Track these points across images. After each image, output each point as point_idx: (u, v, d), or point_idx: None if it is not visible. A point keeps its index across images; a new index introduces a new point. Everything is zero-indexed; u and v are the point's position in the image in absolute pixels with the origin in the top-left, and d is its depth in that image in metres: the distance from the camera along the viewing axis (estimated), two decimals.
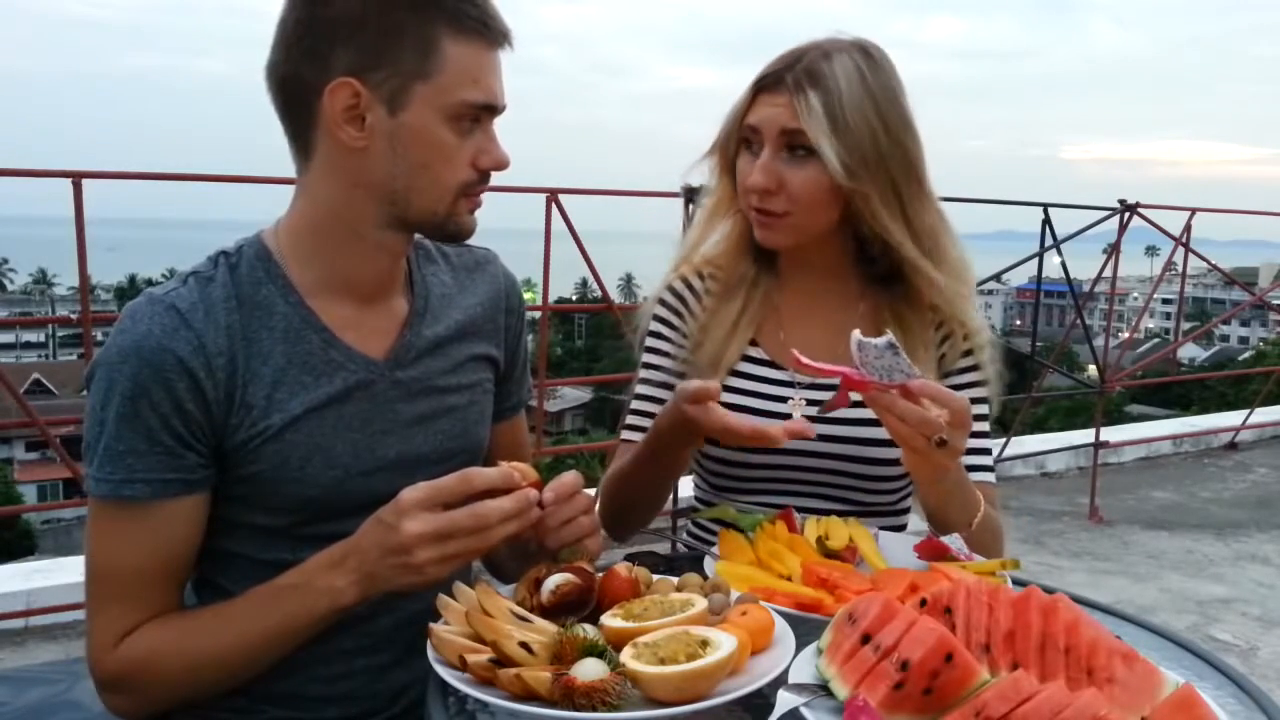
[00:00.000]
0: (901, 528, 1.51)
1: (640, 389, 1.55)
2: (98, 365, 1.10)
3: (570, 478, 1.11)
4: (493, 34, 1.12)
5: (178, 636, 1.11)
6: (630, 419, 1.55)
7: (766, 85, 1.39)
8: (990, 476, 1.49)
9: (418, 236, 1.23)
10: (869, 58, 1.38)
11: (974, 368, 1.49)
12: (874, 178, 1.36)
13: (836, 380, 1.19)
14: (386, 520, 1.04)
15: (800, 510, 1.31)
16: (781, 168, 1.37)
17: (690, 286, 1.55)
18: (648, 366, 1.56)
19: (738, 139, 1.43)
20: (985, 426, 1.51)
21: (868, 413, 1.22)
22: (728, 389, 1.46)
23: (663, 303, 1.57)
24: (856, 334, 1.17)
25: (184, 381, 1.08)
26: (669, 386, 1.51)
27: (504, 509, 1.03)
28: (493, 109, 1.14)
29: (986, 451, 1.51)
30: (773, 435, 1.20)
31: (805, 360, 1.20)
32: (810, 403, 1.45)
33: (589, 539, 1.13)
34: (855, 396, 1.19)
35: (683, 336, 1.53)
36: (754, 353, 1.49)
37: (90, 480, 1.10)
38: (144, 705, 1.14)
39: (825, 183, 1.36)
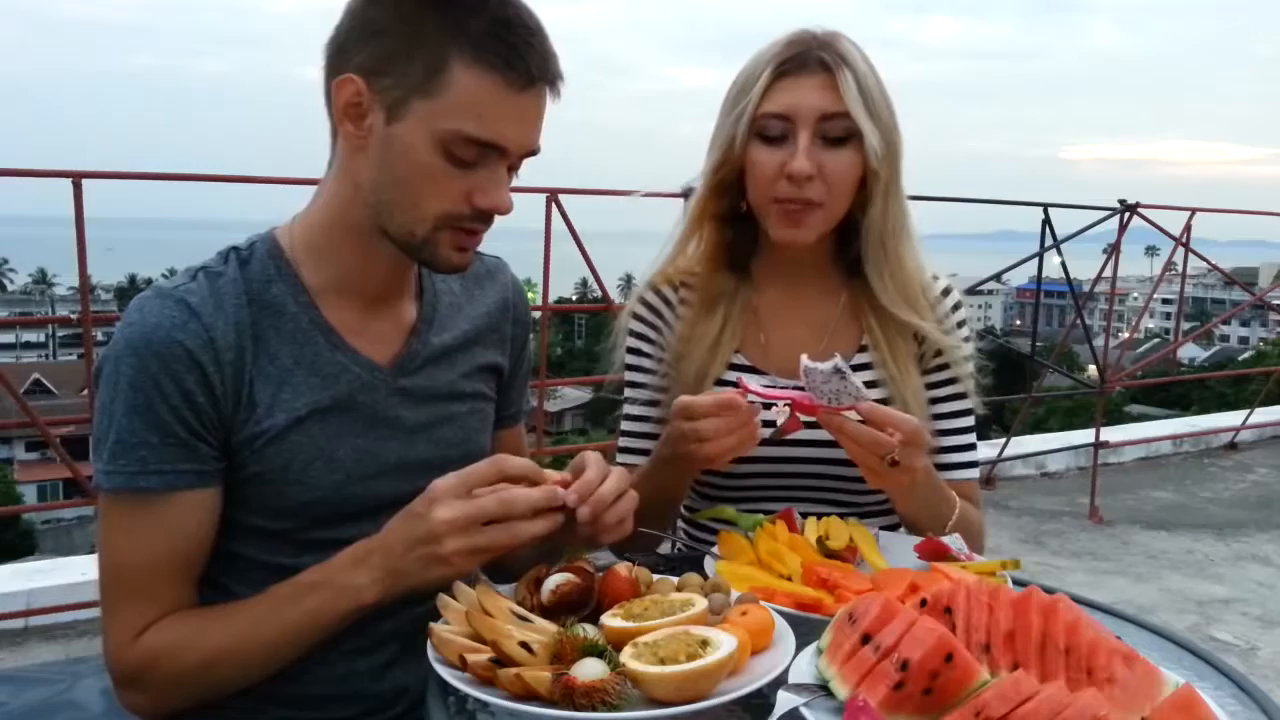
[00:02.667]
0: (895, 527, 1.52)
1: (629, 409, 1.53)
2: (105, 359, 1.10)
3: (593, 474, 1.09)
4: (519, 73, 1.06)
5: (196, 632, 1.11)
6: (624, 441, 1.53)
7: (790, 69, 1.34)
8: (972, 473, 1.50)
9: None
10: (855, 43, 1.37)
11: (948, 365, 1.49)
12: (891, 163, 1.36)
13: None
14: (417, 510, 1.04)
15: None
16: (818, 153, 1.33)
17: (664, 298, 1.52)
18: (632, 385, 1.53)
19: (750, 131, 1.36)
20: (969, 423, 1.51)
21: (852, 412, 1.23)
22: None
23: (637, 317, 1.53)
24: (805, 359, 1.19)
25: (193, 374, 1.08)
26: (657, 403, 1.50)
27: (531, 497, 1.03)
28: (500, 150, 1.08)
29: (969, 448, 1.50)
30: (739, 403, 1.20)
31: (753, 387, 1.21)
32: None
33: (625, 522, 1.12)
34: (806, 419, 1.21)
35: (661, 350, 1.51)
36: (736, 359, 1.47)
37: (101, 474, 1.09)
38: (161, 702, 1.14)
39: (859, 167, 1.35)
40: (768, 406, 1.24)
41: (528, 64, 1.06)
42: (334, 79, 1.09)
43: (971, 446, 1.51)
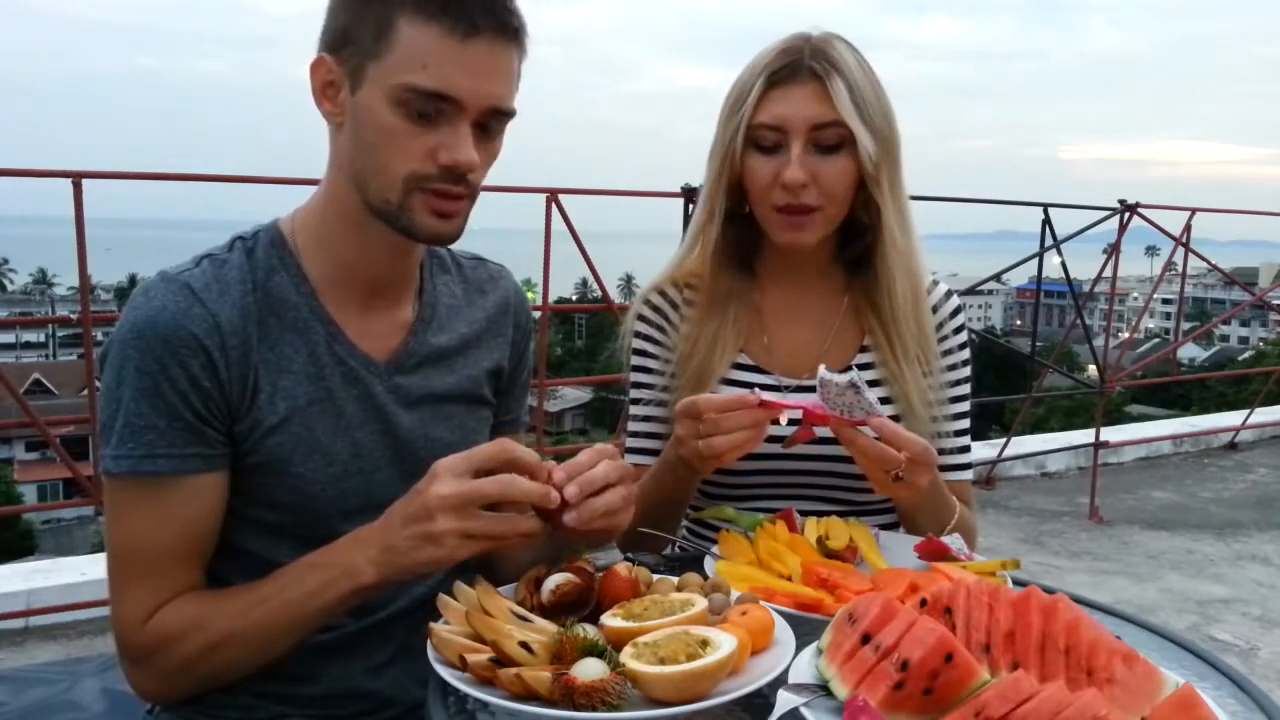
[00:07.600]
0: (895, 526, 1.52)
1: (635, 410, 1.54)
2: (112, 343, 1.10)
3: (585, 458, 1.07)
4: (460, 21, 1.04)
5: (202, 616, 1.10)
6: (631, 442, 1.54)
7: (781, 78, 1.34)
8: (967, 474, 1.52)
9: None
10: (851, 45, 1.38)
11: (947, 366, 1.51)
12: (889, 164, 1.37)
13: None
14: (418, 487, 1.03)
15: None
16: (812, 161, 1.35)
17: (670, 299, 1.53)
18: (638, 386, 1.54)
19: (745, 141, 1.37)
20: (965, 424, 1.53)
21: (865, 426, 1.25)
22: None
23: (643, 318, 1.54)
24: (822, 369, 1.21)
25: (199, 359, 1.09)
26: (662, 404, 1.51)
27: (528, 489, 1.02)
28: (453, 101, 1.06)
29: (964, 450, 1.52)
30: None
31: (767, 398, 1.22)
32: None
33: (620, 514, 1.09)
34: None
35: (667, 351, 1.51)
36: (739, 359, 1.48)
37: (108, 459, 1.09)
38: (168, 684, 1.14)
39: (854, 173, 1.36)
40: (776, 422, 1.24)
41: (469, 11, 1.05)
42: (310, 64, 1.11)
43: (967, 448, 1.53)
